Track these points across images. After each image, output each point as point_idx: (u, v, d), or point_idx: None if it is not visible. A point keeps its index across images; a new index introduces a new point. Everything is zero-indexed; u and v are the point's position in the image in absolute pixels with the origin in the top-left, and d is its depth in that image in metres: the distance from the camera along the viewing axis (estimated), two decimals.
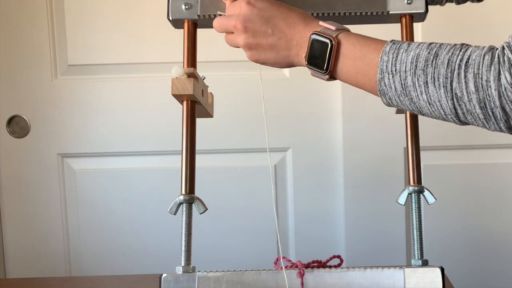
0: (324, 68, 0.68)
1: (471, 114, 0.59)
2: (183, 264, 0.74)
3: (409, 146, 0.78)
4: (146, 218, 1.57)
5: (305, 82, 1.50)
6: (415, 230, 0.75)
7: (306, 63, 0.69)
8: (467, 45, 0.61)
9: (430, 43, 0.63)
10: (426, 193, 0.77)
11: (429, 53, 0.61)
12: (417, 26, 1.45)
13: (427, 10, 0.78)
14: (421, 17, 0.79)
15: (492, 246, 1.56)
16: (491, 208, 1.55)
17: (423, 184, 0.77)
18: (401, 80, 0.62)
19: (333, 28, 0.68)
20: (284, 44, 0.71)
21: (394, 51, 0.64)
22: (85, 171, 1.58)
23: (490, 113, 0.58)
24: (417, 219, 0.76)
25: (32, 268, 1.59)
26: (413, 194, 0.76)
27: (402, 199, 0.77)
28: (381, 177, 1.52)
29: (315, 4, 0.78)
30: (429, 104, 0.61)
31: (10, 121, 1.55)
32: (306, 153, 1.55)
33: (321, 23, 0.69)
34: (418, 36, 1.45)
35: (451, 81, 0.59)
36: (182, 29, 0.81)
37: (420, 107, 0.63)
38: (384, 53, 0.64)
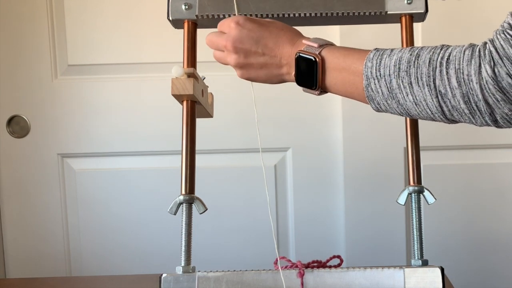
0: (313, 84, 0.70)
1: (456, 110, 0.60)
2: (183, 264, 0.74)
3: (409, 146, 0.78)
4: (146, 218, 1.57)
5: None
6: (415, 230, 0.75)
7: (296, 82, 0.71)
8: (448, 45, 0.62)
9: (412, 47, 0.64)
10: (426, 193, 0.77)
11: (411, 55, 0.62)
12: (417, 26, 1.45)
13: (427, 10, 0.78)
14: (421, 17, 0.79)
15: (492, 246, 1.56)
16: (491, 208, 1.55)
17: (423, 184, 0.77)
18: (386, 84, 0.63)
19: (315, 45, 0.70)
20: (275, 63, 0.73)
21: (377, 57, 0.65)
22: (85, 171, 1.58)
23: (475, 107, 0.58)
24: (417, 219, 0.76)
25: (32, 268, 1.59)
26: (413, 194, 0.76)
27: (402, 199, 0.77)
28: (381, 177, 1.52)
29: (314, 4, 0.78)
30: (416, 105, 0.62)
31: (10, 121, 1.55)
32: (306, 153, 1.55)
33: (304, 41, 0.71)
34: (418, 36, 1.45)
35: (434, 79, 0.60)
36: (182, 29, 0.81)
37: (407, 109, 0.64)
38: (368, 59, 0.65)
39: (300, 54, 0.70)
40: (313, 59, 0.69)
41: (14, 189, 1.57)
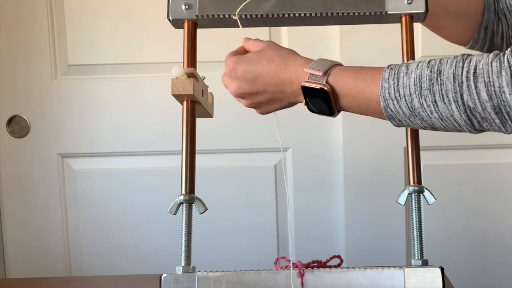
0: (330, 112, 0.69)
1: (486, 121, 0.59)
2: (183, 264, 0.74)
3: (409, 146, 0.78)
4: (146, 218, 1.57)
5: None
6: (415, 230, 0.75)
7: (310, 111, 0.71)
8: (468, 55, 0.60)
9: (429, 61, 0.62)
10: (426, 193, 0.76)
11: (431, 71, 0.60)
12: (417, 26, 1.45)
13: (427, 10, 0.77)
14: (421, 17, 0.79)
15: (492, 246, 1.56)
16: (491, 208, 1.55)
17: (423, 184, 0.77)
18: (407, 104, 0.62)
19: (319, 73, 0.67)
20: (280, 96, 0.73)
21: (394, 77, 0.63)
22: (85, 171, 1.58)
23: (506, 117, 0.57)
24: (417, 219, 0.76)
25: (32, 268, 1.59)
26: (413, 194, 0.76)
27: (402, 199, 0.77)
28: (381, 177, 1.52)
29: (314, 4, 0.78)
30: (442, 120, 0.61)
31: (10, 121, 1.55)
32: (306, 153, 1.55)
33: (305, 70, 0.69)
34: (418, 36, 1.45)
35: (461, 94, 0.58)
36: (182, 29, 0.81)
37: (432, 124, 0.63)
38: (384, 80, 0.64)
39: (306, 86, 0.68)
40: (322, 89, 0.67)
41: (14, 189, 1.57)
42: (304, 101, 0.71)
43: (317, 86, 0.67)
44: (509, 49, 0.58)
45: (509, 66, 0.56)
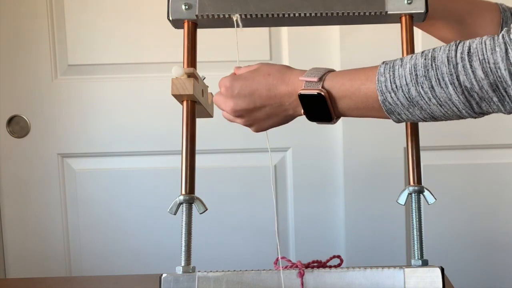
0: (328, 118, 0.69)
1: (485, 100, 0.59)
2: (183, 264, 0.74)
3: (409, 146, 0.78)
4: (146, 218, 1.57)
5: None
6: (415, 230, 0.75)
7: (308, 119, 0.71)
8: (461, 40, 0.61)
9: (423, 51, 0.62)
10: (426, 193, 0.76)
11: (425, 59, 0.61)
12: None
13: (427, 10, 0.78)
14: (421, 17, 0.79)
15: (492, 246, 1.56)
16: (491, 208, 1.55)
17: (423, 184, 0.77)
18: (404, 94, 0.62)
19: (315, 79, 0.67)
20: (279, 110, 0.72)
21: (389, 70, 0.63)
22: (85, 171, 1.58)
23: (504, 94, 0.57)
24: (417, 219, 0.76)
25: (32, 268, 1.59)
26: (413, 194, 0.76)
27: (402, 199, 0.77)
28: (381, 177, 1.52)
29: (314, 4, 0.78)
30: (441, 106, 0.61)
31: (10, 121, 1.55)
32: (306, 153, 1.55)
33: (301, 78, 0.69)
34: (418, 36, 1.44)
35: (457, 76, 0.58)
36: (182, 29, 0.81)
37: (432, 112, 0.63)
38: (380, 74, 0.64)
39: (303, 93, 0.68)
40: (319, 94, 0.67)
41: (14, 189, 1.57)
42: (302, 111, 0.70)
43: (314, 92, 0.67)
44: (504, 29, 0.58)
45: (503, 41, 0.56)
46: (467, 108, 0.60)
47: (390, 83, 0.63)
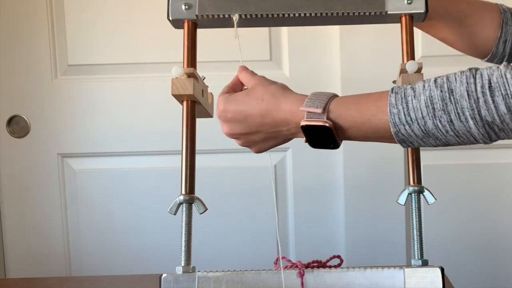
0: (332, 147, 0.68)
1: (504, 131, 0.59)
2: (183, 264, 0.74)
3: None
4: (146, 218, 1.57)
5: (305, 81, 1.50)
6: (415, 230, 0.75)
7: (312, 147, 0.69)
8: (475, 68, 0.60)
9: (435, 80, 0.61)
10: (426, 193, 0.76)
11: (441, 91, 0.60)
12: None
13: (427, 10, 0.77)
14: (421, 17, 0.79)
15: (492, 246, 1.56)
16: (491, 208, 1.55)
17: (423, 184, 0.77)
18: (420, 127, 0.61)
19: (319, 111, 0.65)
20: (276, 134, 0.72)
21: (402, 101, 0.62)
22: (85, 171, 1.58)
23: None
24: (417, 219, 0.76)
25: (32, 268, 1.59)
26: (413, 194, 0.76)
27: (402, 199, 0.77)
28: (381, 177, 1.52)
29: (314, 4, 0.78)
30: (458, 137, 0.61)
31: (10, 121, 1.55)
32: (306, 153, 1.55)
33: (302, 108, 0.66)
34: (418, 36, 1.45)
35: (479, 111, 0.58)
36: (182, 29, 0.81)
37: (447, 141, 0.62)
38: (392, 106, 0.62)
39: (306, 124, 0.66)
40: (324, 126, 0.65)
41: (14, 189, 1.57)
42: (305, 139, 0.69)
43: (319, 124, 0.65)
44: None
45: None
46: (485, 138, 0.60)
47: (404, 115, 0.62)
